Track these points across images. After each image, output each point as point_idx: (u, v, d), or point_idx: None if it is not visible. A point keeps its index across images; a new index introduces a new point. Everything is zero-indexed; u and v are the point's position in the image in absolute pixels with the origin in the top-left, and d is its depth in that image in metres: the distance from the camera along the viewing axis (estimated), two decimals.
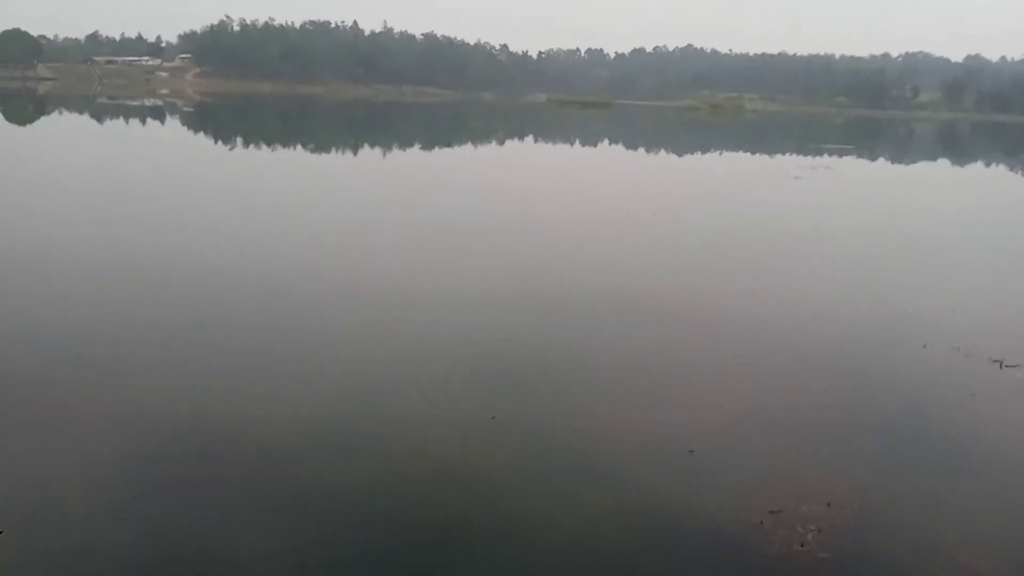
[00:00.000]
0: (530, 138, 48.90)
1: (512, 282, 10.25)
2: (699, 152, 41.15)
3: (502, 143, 42.90)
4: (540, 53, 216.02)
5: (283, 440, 5.47)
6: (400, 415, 5.99)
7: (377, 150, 33.79)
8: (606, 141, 47.40)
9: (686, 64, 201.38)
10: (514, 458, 5.35)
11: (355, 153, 32.51)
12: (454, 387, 6.61)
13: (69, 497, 4.64)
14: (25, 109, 53.88)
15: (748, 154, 41.07)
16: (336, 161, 28.38)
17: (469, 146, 39.87)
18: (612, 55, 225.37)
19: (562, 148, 41.20)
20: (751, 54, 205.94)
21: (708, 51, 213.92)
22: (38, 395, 6.08)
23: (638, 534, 4.57)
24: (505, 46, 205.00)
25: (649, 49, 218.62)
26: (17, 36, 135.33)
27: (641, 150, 41.76)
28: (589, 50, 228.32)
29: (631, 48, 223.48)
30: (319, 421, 5.82)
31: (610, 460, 5.41)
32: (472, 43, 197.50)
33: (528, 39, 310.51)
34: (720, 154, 40.96)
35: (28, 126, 40.50)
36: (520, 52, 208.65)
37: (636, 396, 6.62)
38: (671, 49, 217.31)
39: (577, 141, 46.94)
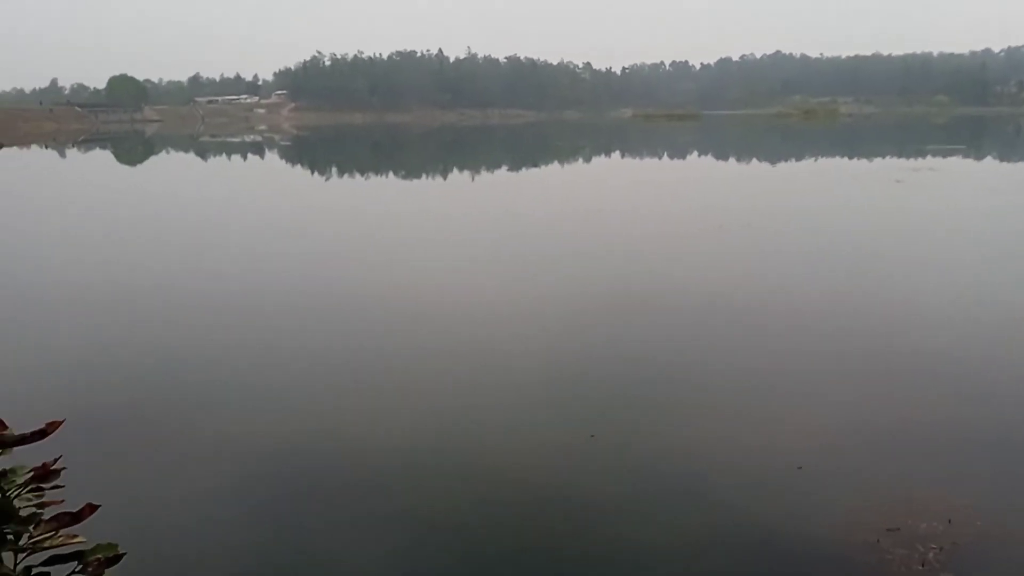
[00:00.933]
0: (616, 154, 48.66)
1: (606, 296, 10.17)
2: (793, 159, 40.02)
3: (588, 160, 42.85)
4: (624, 69, 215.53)
5: (383, 461, 5.54)
6: (497, 434, 5.99)
7: (465, 173, 34.28)
8: (695, 153, 46.70)
9: (775, 71, 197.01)
10: (614, 478, 5.26)
11: (444, 177, 33.06)
12: (551, 405, 6.57)
13: (185, 516, 4.83)
14: (135, 150, 57.12)
15: (845, 159, 39.71)
16: (426, 186, 28.94)
17: (555, 165, 39.97)
18: (697, 66, 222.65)
19: (649, 162, 40.82)
20: (843, 57, 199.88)
21: (797, 56, 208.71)
22: (157, 417, 6.37)
23: (745, 557, 4.40)
24: (588, 64, 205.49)
25: (736, 58, 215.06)
26: (125, 82, 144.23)
27: (732, 160, 40.96)
28: (674, 63, 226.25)
29: (717, 58, 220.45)
30: (416, 442, 5.86)
31: (714, 479, 5.25)
32: (555, 63, 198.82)
33: (611, 56, 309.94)
34: (815, 160, 39.73)
35: (138, 165, 42.92)
36: (603, 69, 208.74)
37: (738, 410, 6.42)
38: (759, 57, 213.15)
39: (665, 154, 46.42)
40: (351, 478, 5.30)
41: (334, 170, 37.68)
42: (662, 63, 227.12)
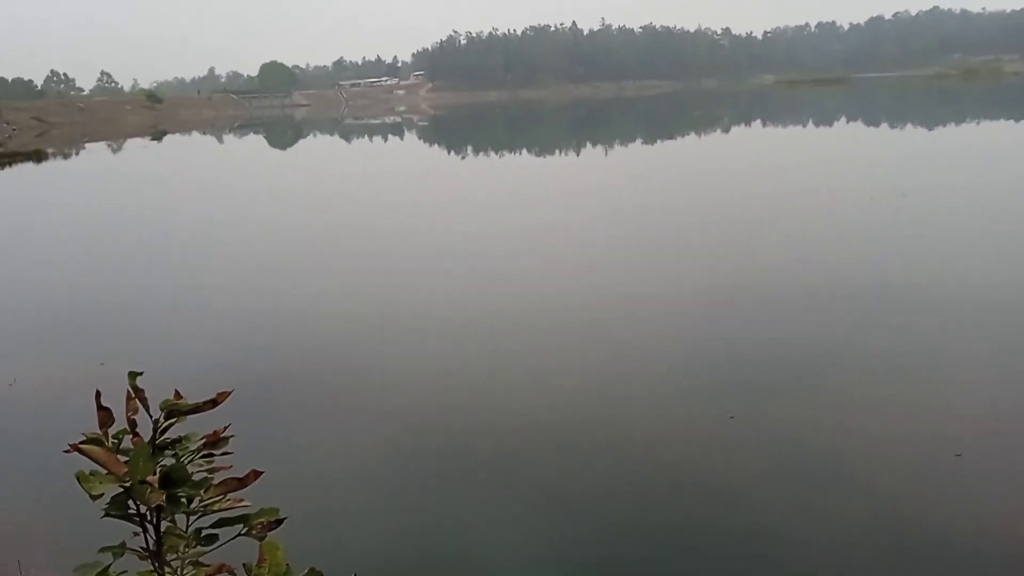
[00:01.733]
0: (757, 123, 46.80)
1: (746, 271, 9.83)
2: (952, 123, 37.10)
3: (727, 130, 41.42)
4: (766, 33, 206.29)
5: (527, 440, 5.60)
6: (636, 414, 5.94)
7: (599, 148, 33.96)
8: (842, 119, 44.20)
9: (932, 28, 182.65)
10: (755, 461, 5.10)
11: (577, 153, 32.88)
12: (690, 383, 6.45)
13: (340, 483, 5.11)
14: (285, 133, 60.10)
15: (1011, 121, 36.45)
16: (559, 162, 28.88)
17: (692, 136, 38.90)
18: (846, 27, 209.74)
19: (792, 131, 39.01)
20: (1008, 11, 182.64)
21: (957, 12, 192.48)
22: (315, 391, 6.74)
23: (898, 548, 4.16)
24: (727, 29, 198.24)
25: (888, 16, 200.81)
26: (275, 68, 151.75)
27: (884, 126, 38.48)
28: (820, 24, 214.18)
29: (867, 17, 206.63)
30: (561, 421, 5.90)
31: (863, 465, 5.00)
32: (692, 30, 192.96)
33: (751, 19, 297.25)
34: (977, 124, 36.73)
35: (288, 149, 45.16)
36: (743, 34, 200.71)
37: (889, 393, 6.08)
38: (914, 14, 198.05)
39: (809, 121, 44.22)
40: (497, 454, 5.40)
41: (469, 148, 38.24)
42: (807, 25, 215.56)
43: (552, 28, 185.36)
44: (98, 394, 2.21)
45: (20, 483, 5.22)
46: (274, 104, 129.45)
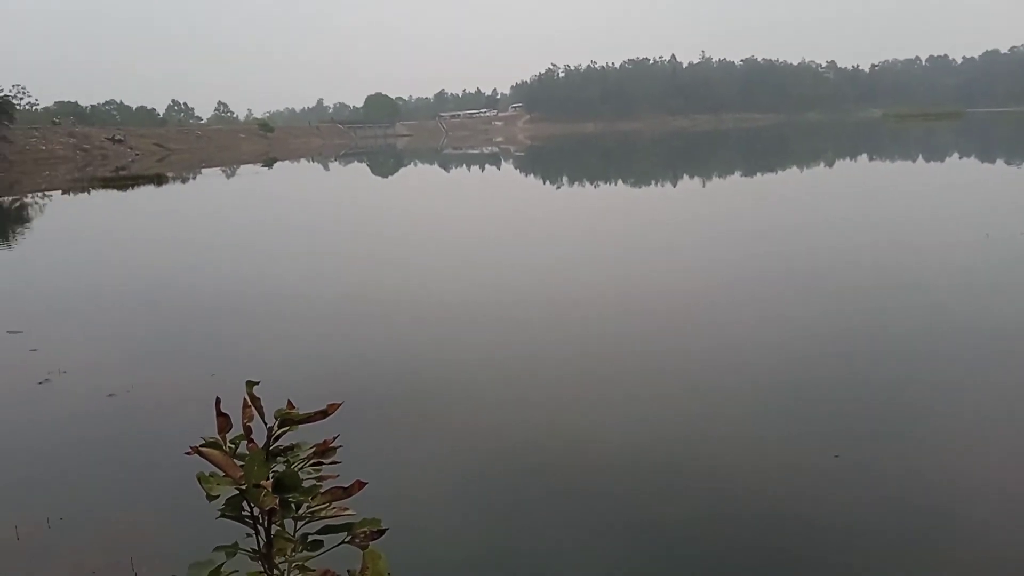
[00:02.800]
0: (863, 156, 45.34)
1: (855, 307, 9.51)
2: None
3: (831, 164, 40.29)
4: (873, 66, 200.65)
5: (622, 469, 5.54)
6: (732, 446, 5.81)
7: (696, 180, 33.59)
8: (955, 155, 42.35)
9: None
10: (862, 504, 4.88)
11: (674, 184, 32.62)
12: (792, 418, 6.27)
13: (439, 497, 5.19)
14: (387, 162, 61.90)
15: None
16: (655, 193, 28.71)
17: (793, 169, 37.98)
18: (959, 60, 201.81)
19: (902, 165, 37.59)
20: None
21: None
22: (418, 405, 6.88)
23: None
24: (833, 62, 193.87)
25: (1004, 50, 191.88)
26: (380, 100, 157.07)
27: (999, 162, 36.65)
28: (931, 57, 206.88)
29: (982, 51, 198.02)
30: (648, 448, 5.84)
31: (985, 512, 4.73)
32: (795, 63, 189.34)
33: (858, 53, 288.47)
34: None
35: (390, 177, 46.50)
36: (850, 67, 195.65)
37: (1014, 432, 5.75)
38: None
39: (920, 156, 42.55)
40: (594, 479, 5.37)
41: (564, 178, 38.46)
42: (917, 58, 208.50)
43: (651, 61, 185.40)
44: (218, 401, 2.34)
45: (135, 484, 5.50)
46: (377, 134, 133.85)
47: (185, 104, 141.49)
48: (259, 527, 2.24)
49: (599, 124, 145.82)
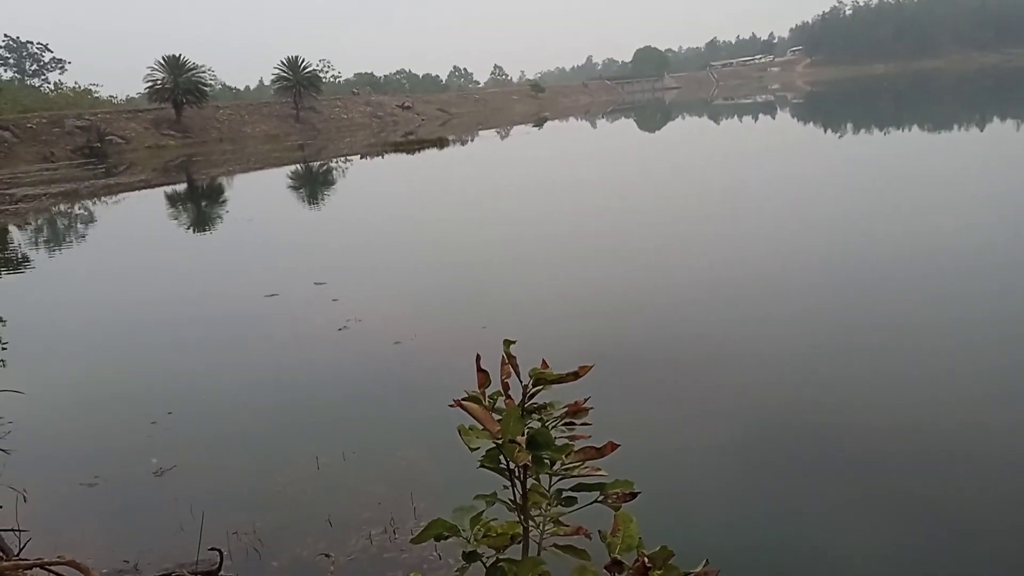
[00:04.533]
0: None
1: None
2: None
3: None
4: None
5: (882, 441, 5.17)
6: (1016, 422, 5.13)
7: (1009, 123, 29.37)
8: None
9: None
10: None
11: (981, 129, 28.78)
12: None
13: (693, 464, 5.14)
14: (654, 116, 61.13)
15: None
16: (959, 139, 25.53)
17: None
18: None
19: None
20: None
21: None
22: (674, 367, 6.86)
23: None
24: None
25: None
26: (648, 53, 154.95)
27: None
28: None
29: None
30: (923, 426, 5.32)
31: None
32: None
33: None
34: None
35: (657, 131, 45.90)
36: None
37: None
38: None
39: None
40: (845, 455, 5.05)
41: (848, 126, 35.46)
42: None
43: None
44: (478, 358, 2.46)
45: (415, 425, 6.03)
46: (645, 88, 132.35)
47: (464, 69, 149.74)
48: (515, 480, 2.33)
49: (891, 65, 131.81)
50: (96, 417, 6.91)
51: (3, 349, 9.23)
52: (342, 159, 38.41)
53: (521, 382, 2.34)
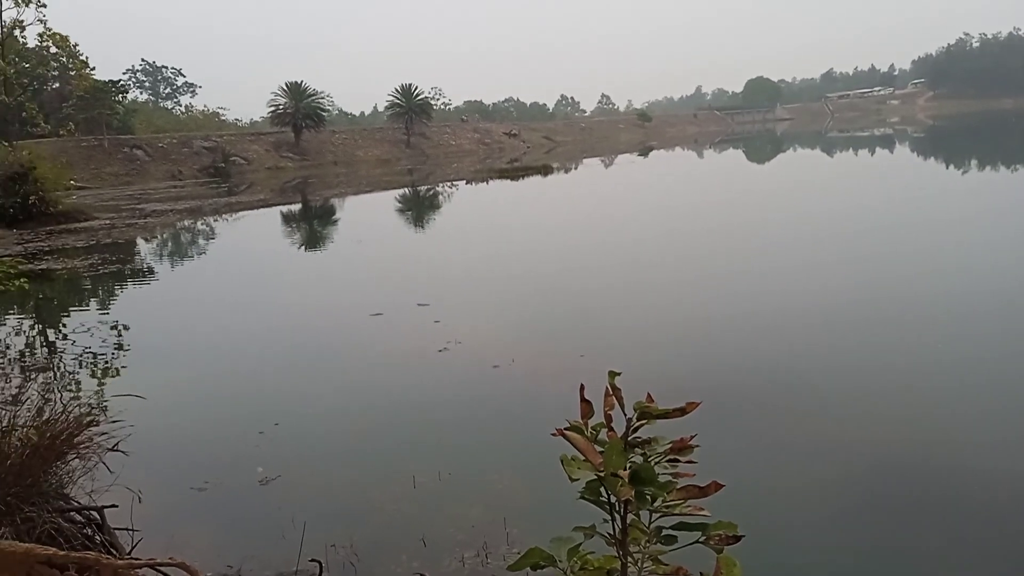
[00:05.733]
0: None
1: None
2: None
3: None
4: None
5: (1000, 487, 4.87)
6: None
7: None
8: None
9: None
10: None
11: None
12: None
13: (797, 509, 4.94)
14: (763, 148, 59.80)
15: None
16: None
17: None
18: None
19: None
20: None
21: None
22: (778, 408, 6.64)
23: None
24: None
25: None
26: (760, 84, 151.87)
27: None
28: None
29: None
30: None
31: None
32: None
33: None
34: None
35: (766, 163, 44.88)
36: None
37: None
38: None
39: None
40: (967, 500, 4.77)
41: (973, 162, 33.73)
42: None
43: None
44: (582, 388, 2.44)
45: (511, 450, 6.03)
46: (755, 119, 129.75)
47: (572, 98, 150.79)
48: (615, 514, 2.30)
49: (1020, 99, 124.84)
50: (208, 424, 7.23)
51: (126, 354, 9.80)
52: (448, 184, 39.21)
53: (625, 415, 2.31)
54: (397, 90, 68.88)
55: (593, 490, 2.26)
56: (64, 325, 11.99)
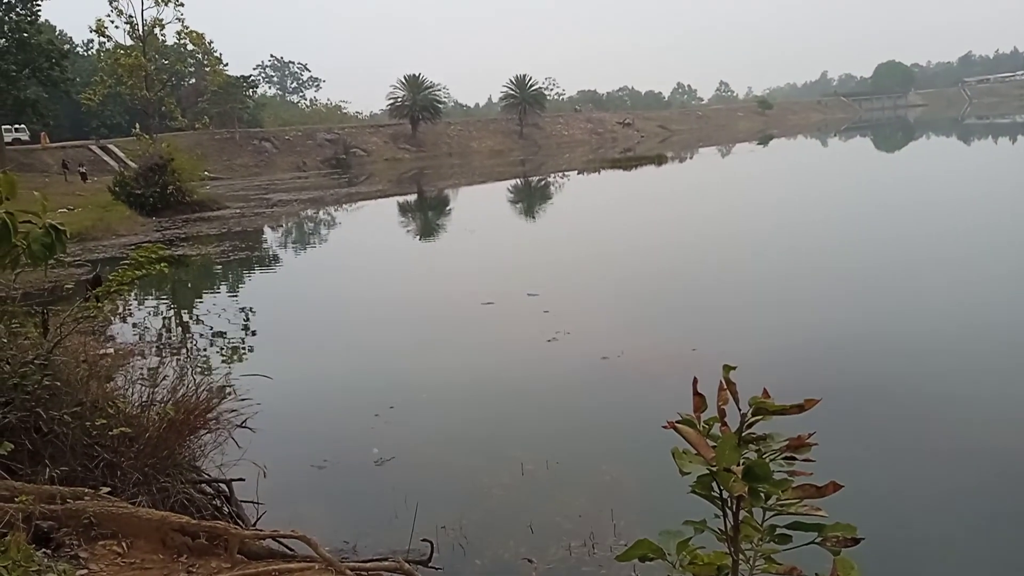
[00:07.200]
0: None
1: None
2: None
3: None
4: None
5: None
6: None
7: None
8: None
9: None
10: None
11: None
12: None
13: (921, 512, 4.71)
14: (894, 136, 56.77)
15: None
16: None
17: None
18: None
19: None
20: None
21: None
22: (903, 408, 6.35)
23: None
24: None
25: None
26: (891, 68, 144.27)
27: None
28: None
29: None
30: None
31: None
32: None
33: None
34: None
35: (897, 152, 42.61)
36: None
37: None
38: None
39: None
40: None
41: None
42: None
43: None
44: (695, 381, 2.40)
45: (620, 442, 6.01)
46: (885, 105, 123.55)
47: (688, 86, 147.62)
48: (727, 510, 2.25)
49: None
50: (328, 404, 7.54)
51: (253, 336, 10.33)
52: (560, 174, 39.20)
53: (740, 410, 2.26)
54: (512, 81, 69.41)
55: (705, 485, 2.22)
56: (197, 308, 12.75)
